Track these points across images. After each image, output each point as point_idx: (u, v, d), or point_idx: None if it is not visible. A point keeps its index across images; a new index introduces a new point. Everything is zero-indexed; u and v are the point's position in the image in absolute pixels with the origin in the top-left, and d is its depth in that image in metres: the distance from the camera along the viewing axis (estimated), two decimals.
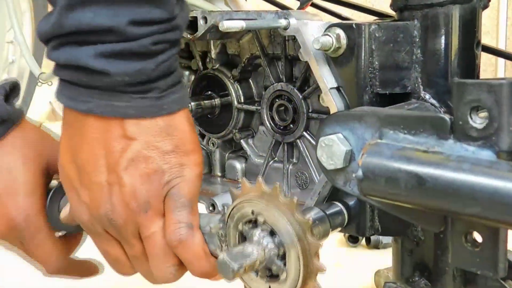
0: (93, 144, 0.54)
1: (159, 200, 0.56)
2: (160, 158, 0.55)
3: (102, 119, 0.53)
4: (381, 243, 1.40)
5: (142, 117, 0.53)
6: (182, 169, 0.56)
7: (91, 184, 0.55)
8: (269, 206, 0.53)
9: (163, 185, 0.55)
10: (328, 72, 0.61)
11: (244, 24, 0.59)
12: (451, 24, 0.59)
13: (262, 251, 0.53)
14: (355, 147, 0.53)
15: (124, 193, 0.54)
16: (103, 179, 0.55)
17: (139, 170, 0.54)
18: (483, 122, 0.43)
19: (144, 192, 0.55)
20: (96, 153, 0.54)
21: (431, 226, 0.50)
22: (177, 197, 0.56)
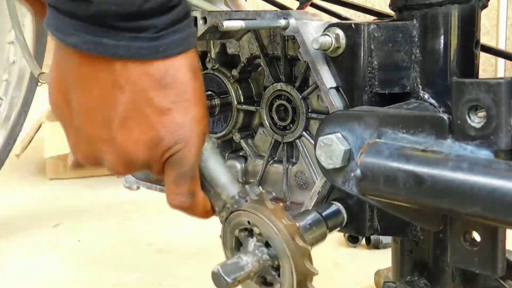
0: (85, 91, 0.48)
1: (159, 164, 0.51)
2: (156, 119, 0.48)
3: (93, 59, 0.46)
4: (381, 243, 1.40)
5: (133, 60, 0.46)
6: (182, 131, 0.50)
7: (87, 136, 0.50)
8: (265, 220, 0.53)
9: (162, 152, 0.50)
10: (327, 72, 0.61)
11: (244, 24, 0.59)
12: (450, 24, 0.59)
13: (256, 262, 0.53)
14: (354, 146, 0.53)
15: (120, 153, 0.49)
16: (99, 133, 0.49)
17: (135, 133, 0.49)
18: (481, 122, 0.43)
19: (142, 157, 0.50)
20: (90, 103, 0.48)
21: (430, 225, 0.50)
22: (178, 166, 0.51)
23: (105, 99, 0.48)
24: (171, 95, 0.48)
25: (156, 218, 1.70)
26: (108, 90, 0.47)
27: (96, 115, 0.49)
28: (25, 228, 1.68)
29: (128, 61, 0.47)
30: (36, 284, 1.33)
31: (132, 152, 0.50)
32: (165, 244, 1.52)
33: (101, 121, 0.49)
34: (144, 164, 0.51)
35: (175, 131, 0.49)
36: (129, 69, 0.47)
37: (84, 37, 0.45)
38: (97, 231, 1.66)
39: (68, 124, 0.52)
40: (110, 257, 1.45)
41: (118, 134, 0.49)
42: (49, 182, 2.25)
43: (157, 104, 0.48)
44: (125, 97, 0.47)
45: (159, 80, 0.48)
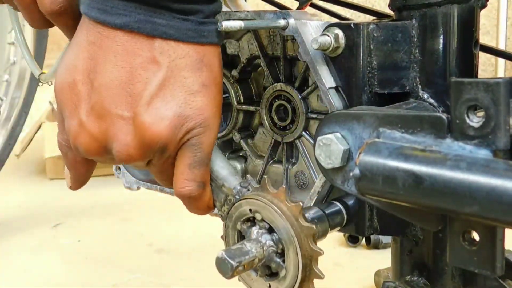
0: (117, 67, 0.48)
1: (176, 147, 0.51)
2: (185, 100, 0.49)
3: (134, 38, 0.48)
4: (381, 243, 1.40)
5: (181, 40, 0.48)
6: (206, 116, 0.51)
7: (104, 112, 0.49)
8: (266, 203, 0.53)
9: (184, 132, 0.51)
10: (327, 72, 0.61)
11: (243, 24, 0.59)
12: (449, 24, 0.59)
13: (260, 248, 0.53)
14: (353, 146, 0.53)
15: (141, 132, 0.49)
16: (120, 110, 0.49)
17: (160, 112, 0.49)
18: (480, 121, 0.43)
19: (165, 136, 0.50)
20: (119, 78, 0.49)
21: (429, 225, 0.50)
22: (196, 150, 0.52)
23: (138, 74, 0.48)
24: (202, 79, 0.50)
25: (156, 218, 1.71)
26: (143, 66, 0.48)
27: (123, 92, 0.49)
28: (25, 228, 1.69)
29: (171, 41, 0.48)
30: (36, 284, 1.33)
31: (154, 130, 0.49)
32: (165, 244, 1.52)
33: (127, 97, 0.49)
34: (162, 145, 0.50)
35: (200, 114, 0.51)
36: (170, 48, 0.48)
37: (136, 17, 0.47)
38: (97, 231, 1.66)
39: (81, 106, 0.51)
40: (110, 257, 1.45)
41: (143, 111, 0.49)
42: (49, 182, 2.25)
43: (188, 85, 0.50)
44: (160, 74, 0.48)
45: (195, 63, 0.50)
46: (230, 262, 0.51)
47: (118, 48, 0.48)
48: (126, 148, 0.50)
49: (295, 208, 0.53)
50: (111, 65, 0.49)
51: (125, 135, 0.50)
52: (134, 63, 0.48)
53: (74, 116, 0.52)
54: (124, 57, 0.48)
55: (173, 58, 0.49)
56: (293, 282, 0.53)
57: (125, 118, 0.49)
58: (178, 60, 0.49)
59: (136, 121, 0.49)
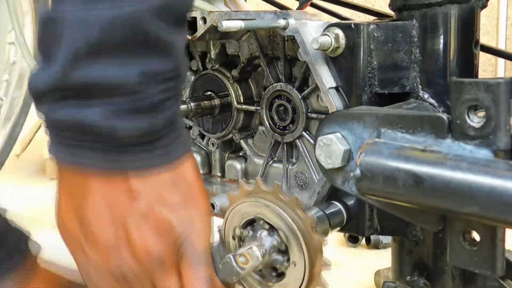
0: (98, 201, 0.52)
1: (173, 255, 0.54)
2: (169, 211, 0.52)
3: (107, 174, 0.51)
4: (381, 243, 1.40)
5: (150, 169, 0.51)
6: (193, 221, 0.54)
7: (99, 241, 0.53)
8: (266, 204, 0.53)
9: (176, 239, 0.53)
10: (327, 72, 0.61)
11: (243, 24, 0.59)
12: (450, 24, 0.59)
13: (264, 250, 0.53)
14: (354, 146, 0.53)
15: (135, 249, 0.52)
16: (111, 235, 0.52)
17: (149, 226, 0.52)
18: (480, 121, 0.43)
19: (157, 248, 0.52)
20: (102, 209, 0.52)
21: (430, 225, 0.50)
22: (193, 252, 0.54)
23: (120, 203, 0.51)
24: (182, 192, 0.53)
25: None
26: (123, 195, 0.51)
27: (110, 220, 0.52)
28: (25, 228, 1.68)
29: (144, 172, 0.51)
30: None
31: (147, 244, 0.52)
32: None
33: (116, 227, 0.52)
34: (158, 255, 0.53)
35: (186, 221, 0.54)
36: (144, 178, 0.51)
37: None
38: None
39: (79, 241, 0.54)
40: None
41: (134, 229, 0.52)
42: (49, 182, 2.24)
43: (169, 201, 0.52)
44: (142, 203, 0.51)
45: (171, 181, 0.52)
46: (236, 266, 0.51)
47: (94, 186, 0.51)
48: (129, 269, 0.53)
49: (293, 201, 0.53)
50: (92, 202, 0.51)
51: (125, 257, 0.53)
52: (114, 195, 0.51)
53: (78, 258, 0.56)
54: (102, 193, 0.51)
55: (149, 185, 0.51)
56: (301, 277, 0.53)
57: (118, 240, 0.52)
58: (154, 185, 0.51)
59: (130, 242, 0.52)
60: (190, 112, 0.75)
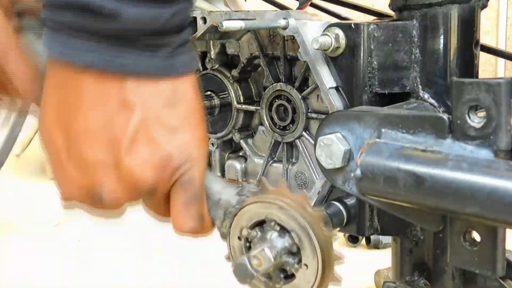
0: (89, 113, 0.46)
1: (166, 188, 0.50)
2: (166, 139, 0.47)
3: (103, 79, 0.45)
4: (381, 243, 1.40)
5: (147, 77, 0.46)
6: (191, 150, 0.49)
7: (83, 159, 0.47)
8: (278, 205, 0.53)
9: (172, 172, 0.49)
10: (327, 72, 0.61)
11: (243, 24, 0.59)
12: (450, 24, 0.59)
13: (276, 252, 0.52)
14: (354, 146, 0.53)
15: (125, 178, 0.47)
16: (100, 157, 0.47)
17: (144, 155, 0.47)
18: (481, 121, 0.43)
19: (150, 180, 0.48)
20: (93, 124, 0.46)
21: (430, 225, 0.50)
22: (188, 187, 0.50)
23: (112, 119, 0.46)
24: (180, 113, 0.48)
25: None
26: (116, 109, 0.46)
27: (100, 138, 0.47)
28: (25, 228, 1.68)
29: (141, 79, 0.46)
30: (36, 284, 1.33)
31: (139, 174, 0.48)
32: (165, 244, 1.52)
33: (105, 144, 0.47)
34: (150, 187, 0.49)
35: (184, 150, 0.49)
36: (141, 87, 0.46)
37: (101, 54, 0.45)
38: (97, 231, 1.66)
39: (61, 155, 0.49)
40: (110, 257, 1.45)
41: (125, 156, 0.47)
42: (49, 182, 2.25)
43: (166, 123, 0.48)
44: (135, 117, 0.46)
45: (169, 98, 0.48)
46: (250, 268, 0.50)
47: (87, 92, 0.46)
48: (114, 195, 0.48)
49: (300, 198, 0.52)
50: (83, 112, 0.47)
51: (111, 182, 0.48)
52: (107, 108, 0.46)
53: (56, 168, 0.50)
54: (95, 102, 0.46)
55: (145, 97, 0.47)
56: (313, 275, 0.53)
57: (109, 165, 0.47)
58: (151, 99, 0.47)
59: (119, 167, 0.47)
60: None
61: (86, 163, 0.47)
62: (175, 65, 0.47)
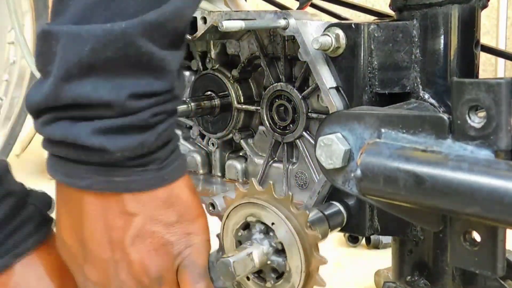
0: (94, 221, 0.52)
1: (172, 273, 0.54)
2: (165, 230, 0.53)
3: (102, 195, 0.51)
4: (381, 243, 1.40)
5: (144, 191, 0.51)
6: (190, 237, 0.54)
7: (97, 261, 0.53)
8: (263, 205, 0.53)
9: (174, 257, 0.54)
10: (327, 72, 0.61)
11: (243, 24, 0.59)
12: (450, 24, 0.59)
13: (261, 251, 0.53)
14: (354, 146, 0.53)
15: (134, 269, 0.53)
16: (109, 255, 0.53)
17: (146, 246, 0.52)
18: (481, 122, 0.43)
19: (155, 267, 0.53)
20: (99, 230, 0.52)
21: (430, 225, 0.50)
22: (192, 268, 0.54)
23: (115, 226, 0.51)
24: (177, 211, 0.53)
25: None
26: (117, 217, 0.51)
27: (108, 240, 0.52)
28: None
29: (138, 193, 0.51)
30: None
31: (146, 263, 0.52)
32: None
33: (113, 244, 0.52)
34: (157, 274, 0.53)
35: (184, 238, 0.54)
36: (137, 198, 0.51)
37: (96, 179, 0.49)
38: None
39: (77, 258, 0.55)
40: None
41: (131, 250, 0.52)
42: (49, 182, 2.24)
43: (165, 220, 0.53)
44: (136, 220, 0.51)
45: (165, 202, 0.52)
46: (233, 267, 0.51)
47: (89, 207, 0.51)
48: (126, 286, 0.54)
49: (302, 216, 0.52)
50: (88, 222, 0.52)
51: (123, 274, 0.53)
52: (108, 217, 0.51)
53: (77, 273, 0.56)
54: (97, 214, 0.51)
55: (142, 205, 0.51)
56: (298, 276, 0.53)
57: (118, 260, 0.53)
58: (148, 205, 0.52)
59: (127, 260, 0.52)
60: (190, 112, 0.75)
61: (100, 262, 0.53)
62: (166, 175, 0.52)
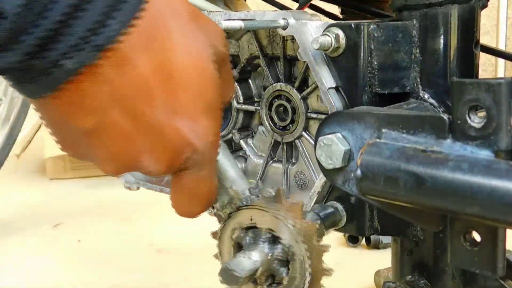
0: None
1: None
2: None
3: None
4: (381, 243, 1.40)
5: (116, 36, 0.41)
6: None
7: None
8: (271, 212, 0.52)
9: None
10: (327, 72, 0.61)
11: (243, 24, 0.59)
12: (450, 24, 0.59)
13: (265, 258, 0.52)
14: (354, 146, 0.53)
15: None
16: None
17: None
18: (481, 122, 0.43)
19: None
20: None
21: (430, 225, 0.50)
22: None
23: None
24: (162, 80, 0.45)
25: (156, 218, 1.70)
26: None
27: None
28: (25, 228, 1.68)
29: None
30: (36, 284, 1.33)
31: None
32: (165, 244, 1.52)
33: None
34: None
35: None
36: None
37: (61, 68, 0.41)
38: (97, 231, 1.66)
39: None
40: (110, 257, 1.45)
41: None
42: (49, 182, 2.25)
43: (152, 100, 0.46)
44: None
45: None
46: (237, 273, 0.49)
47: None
48: None
49: (311, 228, 0.51)
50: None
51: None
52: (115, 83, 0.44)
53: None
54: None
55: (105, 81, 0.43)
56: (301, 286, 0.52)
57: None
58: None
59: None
60: None
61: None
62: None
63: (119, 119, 0.45)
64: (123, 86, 0.43)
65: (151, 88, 0.44)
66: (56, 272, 1.39)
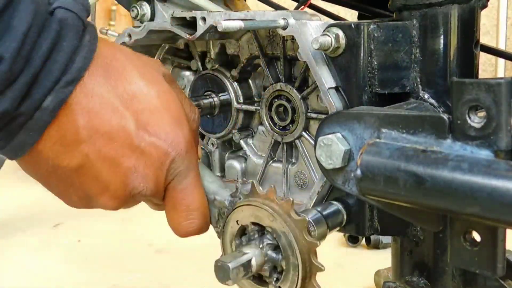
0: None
1: None
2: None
3: None
4: (381, 243, 1.40)
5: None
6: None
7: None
8: (264, 208, 0.53)
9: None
10: (327, 72, 0.61)
11: (243, 25, 0.59)
12: (450, 24, 0.59)
13: (260, 254, 0.53)
14: (354, 146, 0.53)
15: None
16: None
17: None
18: (481, 122, 0.43)
19: None
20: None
21: (430, 225, 0.50)
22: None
23: None
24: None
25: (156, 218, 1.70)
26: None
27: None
28: (25, 228, 1.68)
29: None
30: (36, 284, 1.33)
31: None
32: (165, 244, 1.52)
33: None
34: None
35: None
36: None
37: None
38: (97, 231, 1.66)
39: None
40: (110, 257, 1.45)
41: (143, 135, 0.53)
42: None
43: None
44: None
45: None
46: (231, 269, 0.50)
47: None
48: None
49: (286, 205, 0.53)
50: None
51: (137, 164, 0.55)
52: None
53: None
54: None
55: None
56: (294, 281, 0.53)
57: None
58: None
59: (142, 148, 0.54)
60: None
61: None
62: None
63: (100, 148, 0.51)
64: (96, 115, 0.51)
65: (119, 111, 0.52)
66: (56, 272, 1.39)
